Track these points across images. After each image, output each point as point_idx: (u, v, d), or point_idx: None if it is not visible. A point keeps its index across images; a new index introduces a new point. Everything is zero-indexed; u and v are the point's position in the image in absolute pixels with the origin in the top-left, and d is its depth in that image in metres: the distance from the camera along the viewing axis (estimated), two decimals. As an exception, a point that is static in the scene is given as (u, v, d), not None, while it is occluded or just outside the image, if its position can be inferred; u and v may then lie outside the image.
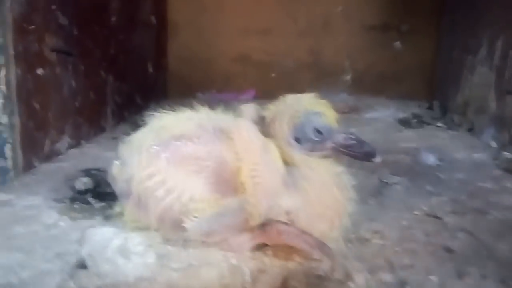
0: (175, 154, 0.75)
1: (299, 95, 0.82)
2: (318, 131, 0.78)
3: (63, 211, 0.91)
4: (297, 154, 0.79)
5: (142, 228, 0.81)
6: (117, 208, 0.83)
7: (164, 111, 0.83)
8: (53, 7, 1.28)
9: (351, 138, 0.80)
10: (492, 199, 1.02)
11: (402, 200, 1.02)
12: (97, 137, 1.56)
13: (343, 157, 0.82)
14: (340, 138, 0.80)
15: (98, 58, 1.59)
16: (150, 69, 2.10)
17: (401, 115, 1.86)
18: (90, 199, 0.98)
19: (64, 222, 0.87)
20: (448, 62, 1.94)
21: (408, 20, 2.15)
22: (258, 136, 0.75)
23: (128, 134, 0.85)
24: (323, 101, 0.82)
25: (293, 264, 0.74)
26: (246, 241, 0.76)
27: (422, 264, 0.75)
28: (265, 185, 0.72)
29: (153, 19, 2.10)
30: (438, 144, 1.44)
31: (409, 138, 1.56)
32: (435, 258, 0.77)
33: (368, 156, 0.79)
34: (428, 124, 1.76)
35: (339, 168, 0.81)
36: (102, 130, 1.63)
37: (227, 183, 0.74)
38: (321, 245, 0.74)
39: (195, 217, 0.73)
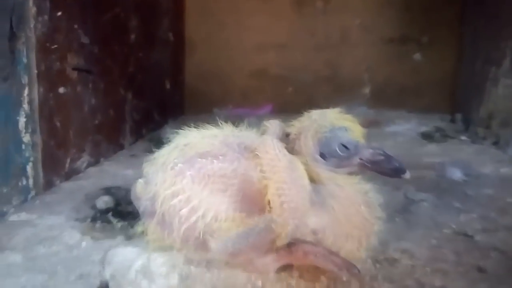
0: (200, 172, 0.74)
1: (324, 110, 0.81)
2: (345, 147, 0.76)
3: (85, 231, 0.91)
4: (324, 171, 0.77)
5: (165, 248, 0.79)
6: (139, 228, 0.82)
7: (188, 128, 0.83)
8: (75, 26, 1.30)
9: (378, 153, 0.77)
10: (524, 216, 0.97)
11: (430, 217, 0.98)
12: (116, 155, 1.56)
13: (369, 173, 0.80)
14: (367, 153, 0.78)
15: (117, 76, 1.60)
16: (168, 86, 2.12)
17: (423, 128, 1.82)
18: (112, 218, 0.97)
19: (86, 243, 0.86)
20: (470, 74, 1.90)
21: (428, 32, 2.12)
22: (284, 153, 0.73)
23: (146, 151, 0.84)
24: (349, 116, 0.80)
25: (320, 286, 0.72)
26: (271, 262, 0.74)
27: (454, 285, 0.72)
28: (292, 203, 0.70)
29: (170, 36, 2.12)
30: (464, 159, 1.40)
31: (432, 152, 1.52)
32: (467, 279, 0.74)
33: (397, 172, 0.77)
34: (452, 137, 1.72)
35: (367, 186, 0.78)
36: (120, 147, 1.64)
37: (253, 201, 0.72)
38: (349, 266, 0.71)
39: (220, 236, 0.72)
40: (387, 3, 2.15)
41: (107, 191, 1.15)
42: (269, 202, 0.71)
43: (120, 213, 1.00)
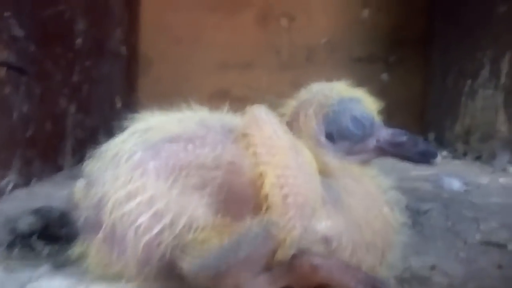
0: (168, 162, 0.54)
1: (327, 82, 0.64)
2: (359, 122, 0.59)
3: (-3, 259, 0.65)
4: (333, 159, 0.59)
5: (111, 277, 0.56)
6: (75, 250, 0.58)
7: (151, 112, 0.63)
8: (6, 14, 1.07)
9: (400, 133, 0.61)
10: (550, 223, 0.83)
11: (445, 228, 0.82)
12: (52, 177, 1.28)
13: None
14: (386, 134, 0.61)
15: (59, 83, 1.36)
16: (118, 104, 1.88)
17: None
18: (36, 243, 0.72)
19: (-4, 274, 0.60)
20: (441, 91, 1.84)
21: (395, 51, 2.07)
22: (285, 129, 0.55)
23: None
24: (360, 90, 0.64)
25: (337, 317, 0.51)
26: (263, 286, 0.53)
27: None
28: (299, 197, 0.50)
29: (123, 50, 1.91)
30: (454, 171, 1.27)
31: (418, 166, 1.38)
32: (528, 297, 0.56)
33: (426, 156, 0.60)
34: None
35: (386, 181, 0.61)
36: (58, 168, 1.36)
37: (243, 199, 0.52)
38: (378, 284, 0.51)
39: (197, 252, 0.50)
40: (353, 22, 2.09)
41: (35, 212, 0.89)
42: (266, 197, 0.51)
43: (49, 236, 0.74)
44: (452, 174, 1.17)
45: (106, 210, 0.54)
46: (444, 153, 1.60)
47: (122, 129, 0.62)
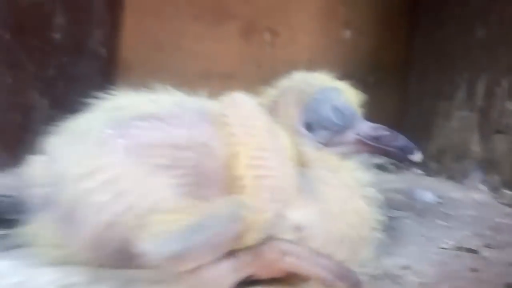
0: (139, 140, 0.51)
1: (309, 72, 0.64)
2: (339, 112, 0.58)
3: None
4: (311, 149, 0.57)
5: (62, 260, 0.52)
6: (26, 231, 0.54)
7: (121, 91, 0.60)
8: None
9: (381, 128, 0.60)
10: (521, 235, 0.84)
11: (419, 234, 0.81)
12: (14, 170, 1.22)
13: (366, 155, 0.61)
14: (367, 127, 0.60)
15: (32, 74, 1.31)
16: (94, 105, 1.83)
17: (375, 161, 1.70)
18: (-14, 228, 0.67)
19: None
20: (417, 112, 1.88)
21: (374, 72, 2.10)
22: (263, 112, 0.53)
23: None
24: (343, 82, 0.63)
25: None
26: (226, 273, 0.49)
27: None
28: (274, 180, 0.48)
29: (103, 52, 1.88)
30: (427, 186, 1.28)
31: (391, 180, 1.39)
32: (500, 298, 0.55)
33: (405, 152, 0.59)
34: (406, 169, 1.62)
35: (365, 175, 0.59)
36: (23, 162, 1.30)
37: (214, 184, 0.50)
38: (348, 274, 0.49)
39: (158, 233, 0.47)
40: (334, 42, 2.13)
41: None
42: (238, 179, 0.49)
43: (1, 221, 0.70)
44: (424, 187, 1.17)
45: (64, 187, 0.50)
46: (418, 171, 1.61)
47: (90, 106, 0.59)
